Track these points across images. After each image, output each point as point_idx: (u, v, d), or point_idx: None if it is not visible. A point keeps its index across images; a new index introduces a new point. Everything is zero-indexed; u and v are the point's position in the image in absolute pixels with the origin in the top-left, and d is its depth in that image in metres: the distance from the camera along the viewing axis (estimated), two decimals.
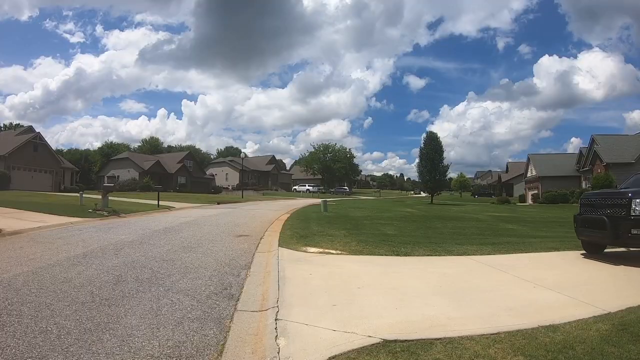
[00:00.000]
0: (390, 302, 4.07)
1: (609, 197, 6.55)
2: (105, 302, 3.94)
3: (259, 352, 2.97)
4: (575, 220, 7.11)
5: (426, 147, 35.45)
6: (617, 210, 6.16)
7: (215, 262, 6.02)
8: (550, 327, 3.31)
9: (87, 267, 5.38)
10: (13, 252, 6.34)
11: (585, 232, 6.77)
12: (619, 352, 2.81)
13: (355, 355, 2.80)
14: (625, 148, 33.11)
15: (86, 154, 65.59)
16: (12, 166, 35.34)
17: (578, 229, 6.99)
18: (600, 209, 6.45)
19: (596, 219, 6.43)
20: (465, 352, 2.83)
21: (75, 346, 2.92)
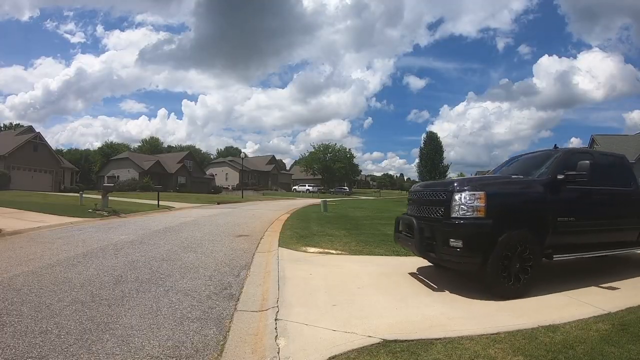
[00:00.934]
0: (390, 302, 4.07)
1: (431, 188, 4.97)
2: (105, 302, 3.94)
3: (259, 352, 2.97)
4: (396, 221, 5.59)
5: (426, 147, 35.56)
6: (435, 209, 4.60)
7: (215, 262, 6.03)
8: (550, 327, 3.31)
9: (87, 267, 5.38)
10: (13, 252, 6.34)
11: (401, 238, 5.29)
12: (619, 352, 2.81)
13: (355, 355, 2.80)
14: (625, 148, 33.05)
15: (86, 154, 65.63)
16: (12, 166, 35.33)
17: (395, 233, 5.53)
18: (420, 206, 4.97)
19: (408, 220, 5.03)
20: (465, 352, 2.84)
21: (75, 346, 2.92)
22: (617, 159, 5.91)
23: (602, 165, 5.39)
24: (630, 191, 5.55)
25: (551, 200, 4.67)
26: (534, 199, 4.67)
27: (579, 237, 4.96)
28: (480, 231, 4.17)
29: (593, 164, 4.79)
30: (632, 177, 5.70)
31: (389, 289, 4.57)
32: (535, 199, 4.66)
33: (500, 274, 4.19)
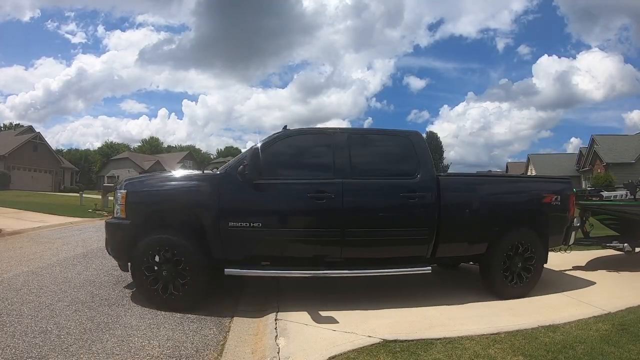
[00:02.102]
0: (390, 302, 4.07)
1: None
2: (105, 302, 3.94)
3: (259, 352, 2.97)
4: None
5: None
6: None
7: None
8: (550, 327, 3.31)
9: (87, 267, 5.38)
10: (13, 252, 6.34)
11: None
12: (619, 352, 2.81)
13: (355, 355, 2.80)
14: (625, 148, 33.11)
15: (86, 154, 65.55)
16: (12, 166, 35.33)
17: None
18: None
19: None
20: (465, 352, 2.84)
21: (75, 346, 2.92)
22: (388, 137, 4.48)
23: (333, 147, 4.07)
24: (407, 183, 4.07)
25: (221, 201, 3.81)
26: (191, 200, 3.90)
27: (269, 248, 3.95)
28: (118, 233, 3.93)
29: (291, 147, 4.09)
30: (416, 163, 4.15)
31: (389, 289, 4.57)
32: (194, 199, 3.90)
33: (148, 284, 3.75)
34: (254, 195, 3.90)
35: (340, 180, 3.93)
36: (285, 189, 4.00)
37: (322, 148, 4.20)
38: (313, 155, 4.28)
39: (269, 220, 3.91)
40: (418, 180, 4.07)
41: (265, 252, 3.98)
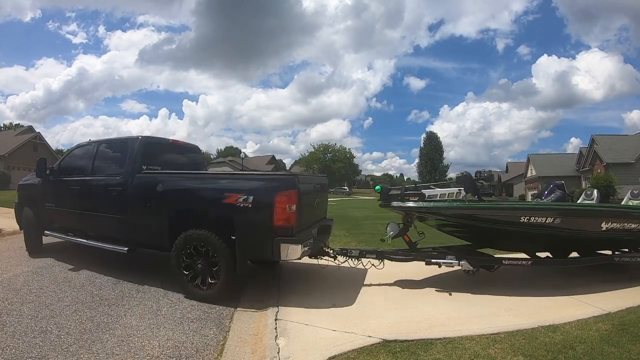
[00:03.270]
0: (390, 302, 4.07)
1: None
2: (105, 302, 3.94)
3: (259, 352, 2.97)
4: None
5: (426, 147, 35.62)
6: None
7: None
8: (550, 327, 3.31)
9: (87, 267, 5.38)
10: (13, 252, 6.34)
11: None
12: (619, 352, 2.81)
13: (355, 355, 2.80)
14: (625, 148, 33.11)
15: None
16: (12, 166, 35.32)
17: None
18: None
19: None
20: (465, 352, 2.84)
21: (75, 346, 2.92)
22: (119, 143, 5.26)
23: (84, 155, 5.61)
24: (115, 182, 4.77)
25: (42, 191, 5.93)
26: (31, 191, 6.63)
27: (63, 222, 5.66)
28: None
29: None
30: (124, 164, 4.79)
31: (389, 289, 4.57)
32: (32, 190, 6.46)
33: None
34: (54, 188, 5.73)
35: (83, 178, 5.32)
36: (65, 184, 5.57)
37: (87, 155, 5.53)
38: (82, 160, 5.61)
39: (57, 203, 5.69)
40: (119, 178, 4.81)
41: (60, 224, 5.74)
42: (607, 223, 4.77)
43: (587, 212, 4.96)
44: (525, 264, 4.73)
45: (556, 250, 5.20)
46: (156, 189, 4.47)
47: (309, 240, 4.17)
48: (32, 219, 6.10)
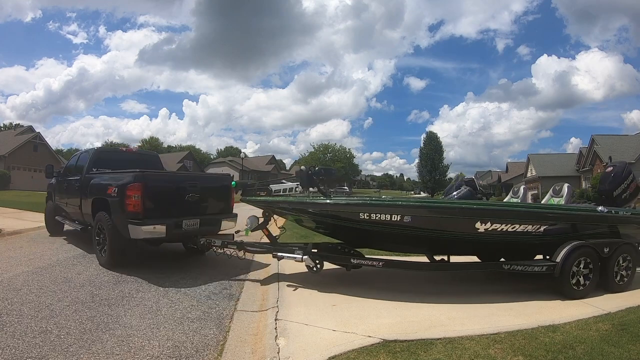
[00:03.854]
0: (390, 302, 4.07)
1: None
2: (105, 302, 3.94)
3: (259, 352, 2.97)
4: None
5: (426, 147, 35.63)
6: None
7: (217, 260, 6.01)
8: (550, 327, 3.31)
9: (86, 267, 5.38)
10: (13, 252, 6.34)
11: None
12: (619, 352, 2.81)
13: (355, 355, 2.80)
14: (625, 148, 33.07)
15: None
16: (12, 166, 35.29)
17: None
18: None
19: None
20: (465, 352, 2.84)
21: (75, 346, 2.92)
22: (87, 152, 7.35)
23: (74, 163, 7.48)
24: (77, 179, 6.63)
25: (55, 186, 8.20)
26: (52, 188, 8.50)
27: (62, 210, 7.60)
28: None
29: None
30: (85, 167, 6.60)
31: (389, 289, 4.57)
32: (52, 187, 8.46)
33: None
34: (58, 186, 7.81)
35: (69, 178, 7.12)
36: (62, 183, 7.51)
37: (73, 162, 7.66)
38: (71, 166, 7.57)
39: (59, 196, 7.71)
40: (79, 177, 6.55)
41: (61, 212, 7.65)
42: (484, 224, 4.30)
43: (447, 211, 4.44)
44: (377, 265, 4.53)
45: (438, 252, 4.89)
46: (90, 183, 6.01)
47: (159, 225, 4.97)
48: (50, 208, 8.30)
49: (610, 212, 4.87)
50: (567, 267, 4.30)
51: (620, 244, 4.72)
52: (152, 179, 5.27)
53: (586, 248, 4.45)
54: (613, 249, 4.60)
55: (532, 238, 4.52)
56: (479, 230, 4.32)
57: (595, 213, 4.83)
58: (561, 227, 4.65)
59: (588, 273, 4.43)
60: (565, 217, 4.71)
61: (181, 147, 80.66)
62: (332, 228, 5.03)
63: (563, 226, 4.67)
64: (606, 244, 4.58)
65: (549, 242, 4.53)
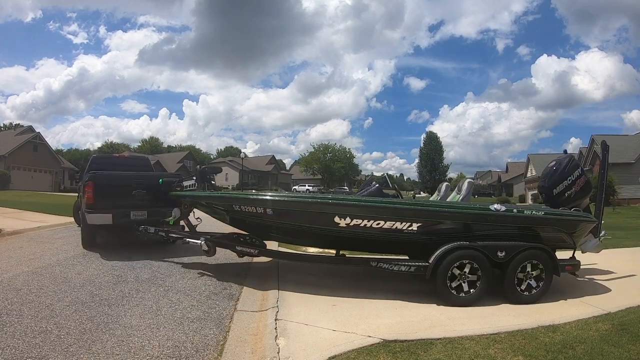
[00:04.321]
0: (390, 302, 4.07)
1: None
2: (105, 302, 3.94)
3: (259, 352, 2.97)
4: None
5: (426, 147, 35.66)
6: None
7: (217, 260, 6.01)
8: (550, 327, 3.31)
9: (86, 267, 5.38)
10: (13, 252, 6.34)
11: None
12: (619, 352, 2.81)
13: (355, 355, 2.80)
14: (625, 148, 33.08)
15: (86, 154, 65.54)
16: (11, 166, 35.28)
17: None
18: None
19: None
20: (465, 352, 2.84)
21: (75, 346, 2.92)
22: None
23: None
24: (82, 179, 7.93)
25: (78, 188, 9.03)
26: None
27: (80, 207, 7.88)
28: None
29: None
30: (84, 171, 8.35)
31: (389, 289, 4.57)
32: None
33: None
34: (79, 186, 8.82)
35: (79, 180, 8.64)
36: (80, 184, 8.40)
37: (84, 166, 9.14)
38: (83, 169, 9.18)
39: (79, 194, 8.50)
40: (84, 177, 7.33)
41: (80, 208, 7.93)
42: (343, 219, 4.22)
43: (302, 205, 4.46)
44: (253, 252, 4.90)
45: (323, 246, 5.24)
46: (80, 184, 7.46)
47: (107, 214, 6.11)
48: (77, 204, 8.99)
49: (511, 211, 4.41)
50: (441, 269, 3.99)
51: (524, 248, 4.16)
52: (102, 179, 6.39)
53: (469, 250, 4.06)
54: (512, 253, 4.10)
55: (406, 236, 4.27)
56: (340, 225, 4.26)
57: (486, 212, 4.34)
58: (445, 226, 4.32)
59: (475, 279, 4.06)
60: (441, 215, 4.32)
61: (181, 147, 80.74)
62: (226, 219, 5.32)
63: (449, 225, 4.33)
64: (501, 248, 4.10)
65: (434, 241, 4.19)
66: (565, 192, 4.91)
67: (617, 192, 26.82)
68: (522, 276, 4.18)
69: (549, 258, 4.22)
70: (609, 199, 25.94)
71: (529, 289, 4.17)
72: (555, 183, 4.96)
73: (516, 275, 4.14)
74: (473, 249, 4.08)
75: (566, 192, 4.91)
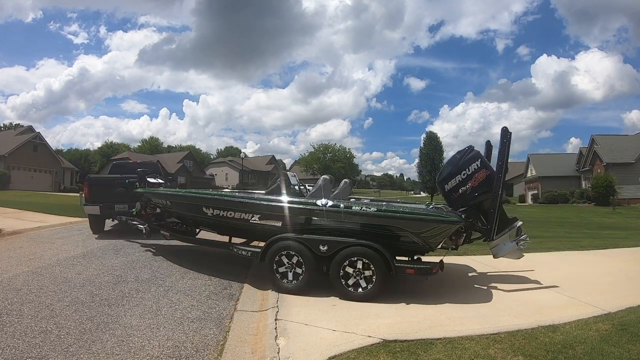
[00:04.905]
0: (390, 302, 4.07)
1: None
2: (105, 302, 3.94)
3: (259, 352, 2.97)
4: None
5: (426, 147, 35.63)
6: None
7: (217, 260, 6.01)
8: (550, 327, 3.31)
9: (86, 267, 5.38)
10: (13, 252, 6.34)
11: None
12: (619, 352, 2.81)
13: (355, 355, 2.80)
14: (625, 148, 33.08)
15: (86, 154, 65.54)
16: (11, 166, 35.26)
17: None
18: None
19: None
20: (465, 352, 2.84)
21: (75, 346, 2.92)
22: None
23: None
24: None
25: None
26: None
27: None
28: None
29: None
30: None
31: (389, 289, 4.57)
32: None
33: None
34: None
35: None
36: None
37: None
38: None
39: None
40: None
41: None
42: (209, 209, 5.03)
43: (179, 198, 5.79)
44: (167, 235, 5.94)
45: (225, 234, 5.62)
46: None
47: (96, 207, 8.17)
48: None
49: (337, 206, 4.40)
50: (269, 256, 4.39)
51: (348, 244, 4.18)
52: (94, 180, 9.54)
53: (291, 242, 4.32)
54: (335, 248, 4.19)
55: (255, 226, 4.77)
56: (209, 215, 5.07)
57: (312, 207, 4.48)
58: (276, 219, 4.59)
59: (300, 272, 4.31)
60: (269, 209, 4.66)
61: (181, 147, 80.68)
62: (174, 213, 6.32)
63: (279, 218, 4.58)
64: (323, 242, 4.24)
65: (279, 231, 4.56)
66: (459, 188, 4.55)
67: (617, 192, 26.84)
68: (352, 272, 4.18)
69: (380, 257, 4.11)
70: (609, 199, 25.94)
71: (357, 288, 4.15)
72: (447, 178, 4.64)
73: (341, 270, 4.19)
74: (294, 240, 4.35)
75: (460, 188, 4.55)
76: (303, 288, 4.31)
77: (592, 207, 26.06)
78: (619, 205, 25.32)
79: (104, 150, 64.62)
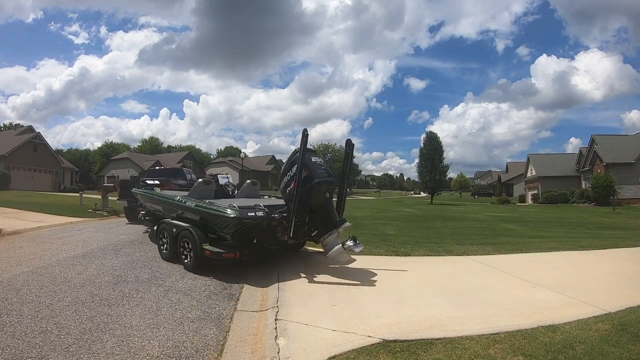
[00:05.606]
0: (390, 302, 4.07)
1: None
2: (105, 302, 3.94)
3: (259, 352, 2.97)
4: None
5: (426, 147, 35.53)
6: None
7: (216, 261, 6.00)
8: (550, 327, 3.31)
9: (86, 267, 5.38)
10: (13, 252, 6.34)
11: None
12: (619, 352, 2.81)
13: (355, 355, 2.80)
14: (625, 148, 33.06)
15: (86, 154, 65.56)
16: (12, 166, 35.27)
17: None
18: None
19: None
20: (465, 352, 2.83)
21: (75, 346, 2.92)
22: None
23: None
24: None
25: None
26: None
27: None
28: None
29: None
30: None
31: (389, 289, 4.57)
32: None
33: None
34: None
35: None
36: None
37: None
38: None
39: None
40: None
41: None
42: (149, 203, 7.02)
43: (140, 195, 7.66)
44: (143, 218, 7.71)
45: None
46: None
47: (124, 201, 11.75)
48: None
49: (180, 200, 5.95)
50: (157, 234, 6.13)
51: (182, 228, 5.50)
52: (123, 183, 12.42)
53: (163, 225, 6.03)
54: (178, 231, 5.55)
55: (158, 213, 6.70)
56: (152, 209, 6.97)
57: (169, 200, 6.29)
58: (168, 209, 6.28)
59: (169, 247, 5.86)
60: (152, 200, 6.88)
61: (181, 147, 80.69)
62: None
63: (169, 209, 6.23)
64: (174, 226, 5.69)
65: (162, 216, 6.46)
66: (287, 189, 4.79)
67: (617, 192, 26.82)
68: (182, 249, 5.51)
69: (193, 238, 5.28)
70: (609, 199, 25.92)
71: (188, 260, 5.36)
72: (280, 179, 5.03)
73: (180, 247, 5.54)
74: (165, 224, 6.02)
75: (287, 189, 4.79)
76: (169, 258, 5.87)
77: (592, 207, 26.05)
78: (619, 205, 25.29)
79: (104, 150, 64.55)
